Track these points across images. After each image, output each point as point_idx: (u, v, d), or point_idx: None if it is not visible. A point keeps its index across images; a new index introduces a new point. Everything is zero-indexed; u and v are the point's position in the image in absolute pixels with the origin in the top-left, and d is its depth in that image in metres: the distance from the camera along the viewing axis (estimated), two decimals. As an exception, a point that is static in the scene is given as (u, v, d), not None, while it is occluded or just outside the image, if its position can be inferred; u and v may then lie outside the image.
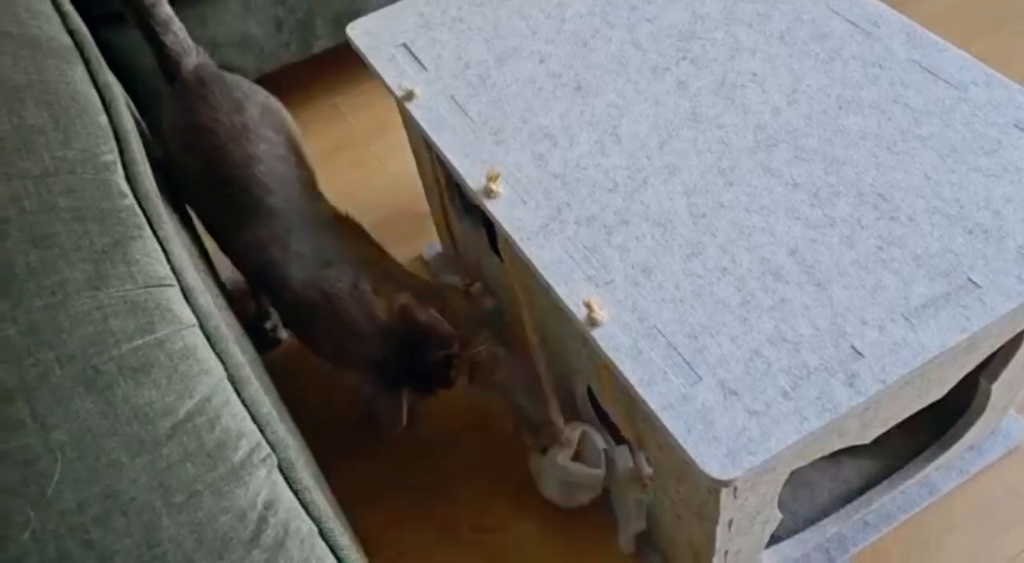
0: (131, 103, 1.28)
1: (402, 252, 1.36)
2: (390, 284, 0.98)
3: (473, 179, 0.88)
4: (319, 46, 1.45)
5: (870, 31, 0.95)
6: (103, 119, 0.88)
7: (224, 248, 1.08)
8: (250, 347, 0.98)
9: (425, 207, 1.32)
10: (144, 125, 1.28)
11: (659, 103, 0.92)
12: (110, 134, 0.87)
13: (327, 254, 0.99)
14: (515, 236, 0.83)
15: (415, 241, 1.40)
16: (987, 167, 0.81)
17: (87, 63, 0.97)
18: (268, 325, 1.29)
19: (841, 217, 0.79)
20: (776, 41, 0.96)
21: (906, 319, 0.71)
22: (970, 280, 0.73)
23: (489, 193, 0.86)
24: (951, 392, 0.87)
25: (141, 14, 1.13)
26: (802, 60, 0.93)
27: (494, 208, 0.86)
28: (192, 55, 1.15)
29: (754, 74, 0.93)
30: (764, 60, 0.94)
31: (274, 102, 1.14)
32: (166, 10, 1.14)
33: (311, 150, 1.26)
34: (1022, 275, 0.73)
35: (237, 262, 1.07)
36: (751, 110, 0.89)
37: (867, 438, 0.83)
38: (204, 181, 1.05)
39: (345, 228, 1.05)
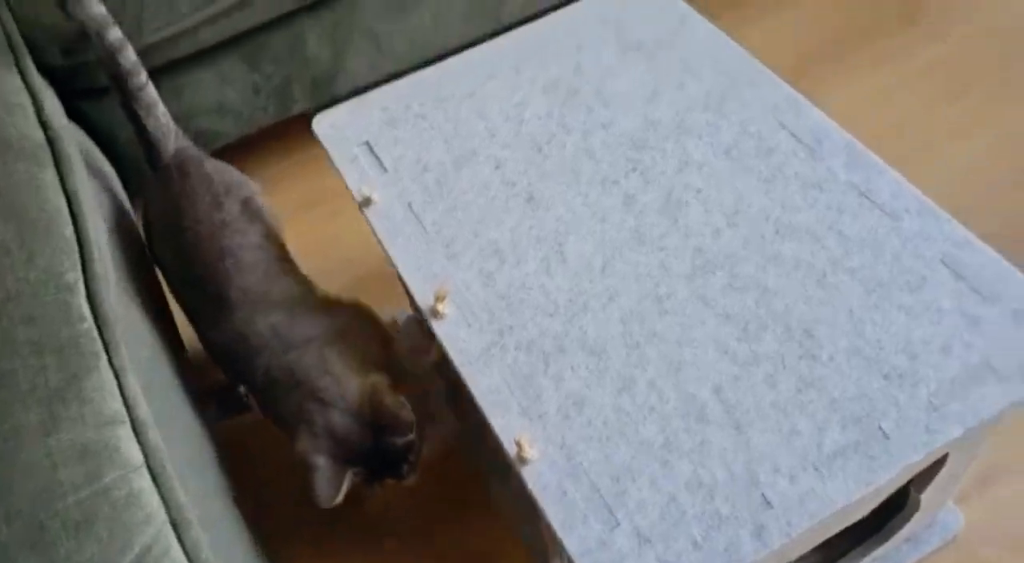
0: (112, 176, 1.32)
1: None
2: (361, 362, 1.01)
3: (422, 296, 0.92)
4: (297, 108, 1.48)
5: (813, 148, 0.97)
6: (69, 231, 0.92)
7: (199, 336, 1.12)
8: (201, 437, 1.02)
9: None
10: (123, 195, 1.32)
11: (605, 220, 0.95)
12: (74, 248, 0.91)
13: (292, 337, 1.03)
14: (457, 360, 0.87)
15: (389, 301, 1.44)
16: (910, 305, 0.84)
17: (58, 163, 1.00)
18: (242, 389, 1.33)
19: (766, 354, 0.83)
20: (722, 155, 0.99)
21: (816, 469, 0.75)
22: (880, 429, 0.77)
23: (436, 314, 0.90)
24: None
25: (127, 97, 1.16)
26: (745, 177, 0.96)
27: (440, 329, 0.89)
28: (172, 138, 1.19)
29: (698, 191, 0.96)
30: (709, 175, 0.97)
31: (251, 190, 1.17)
32: (152, 94, 1.18)
33: (292, 202, 1.28)
34: (930, 425, 0.76)
35: (209, 351, 1.11)
36: (692, 232, 0.93)
37: (790, 558, 0.87)
38: (181, 277, 1.10)
39: (316, 306, 1.08)
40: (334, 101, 1.52)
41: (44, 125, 1.06)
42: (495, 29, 1.56)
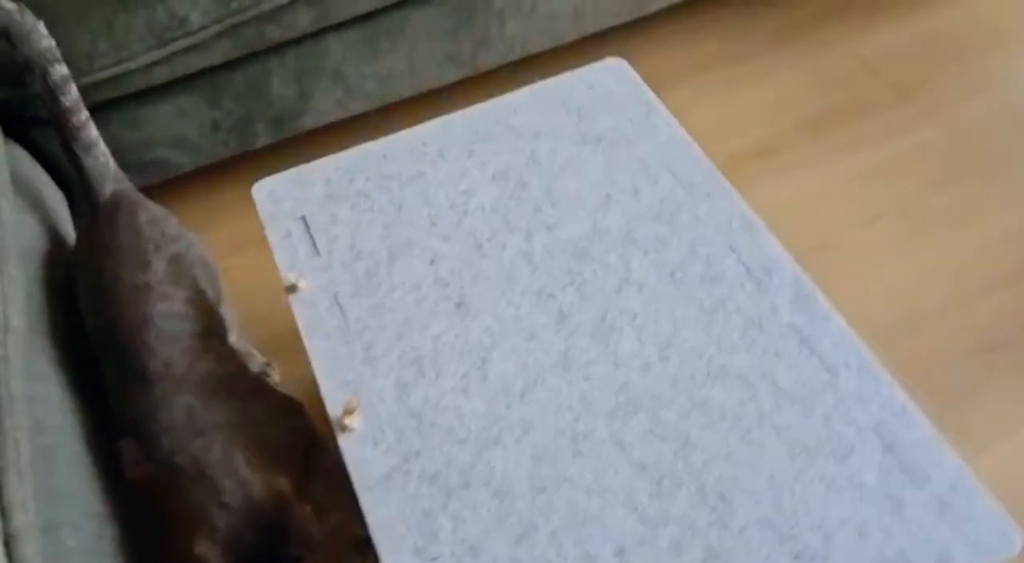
0: (58, 204, 1.28)
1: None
2: (270, 461, 0.97)
3: (333, 404, 0.88)
4: (260, 143, 1.43)
5: (760, 280, 0.93)
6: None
7: (110, 398, 1.08)
8: (108, 509, 0.98)
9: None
10: (67, 226, 1.28)
11: (534, 338, 0.91)
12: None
13: (202, 423, 0.99)
14: (357, 484, 0.83)
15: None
16: (833, 477, 0.80)
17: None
18: None
19: (676, 516, 0.79)
20: (666, 277, 0.94)
21: (707, 659, 0.71)
22: (780, 621, 0.73)
23: (343, 427, 0.86)
24: None
25: (65, 135, 1.12)
26: (686, 306, 0.91)
27: (345, 444, 0.85)
28: (110, 180, 1.15)
29: (635, 316, 0.91)
30: (649, 299, 0.92)
31: (186, 245, 1.12)
32: (91, 134, 1.14)
33: (246, 232, 1.21)
34: (834, 621, 0.73)
35: (123, 422, 1.07)
36: (621, 363, 0.88)
37: None
38: (99, 335, 1.06)
39: (232, 389, 1.04)
40: (299, 137, 1.48)
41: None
42: (470, 75, 1.51)
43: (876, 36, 1.74)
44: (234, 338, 1.24)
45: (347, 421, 0.86)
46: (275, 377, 1.34)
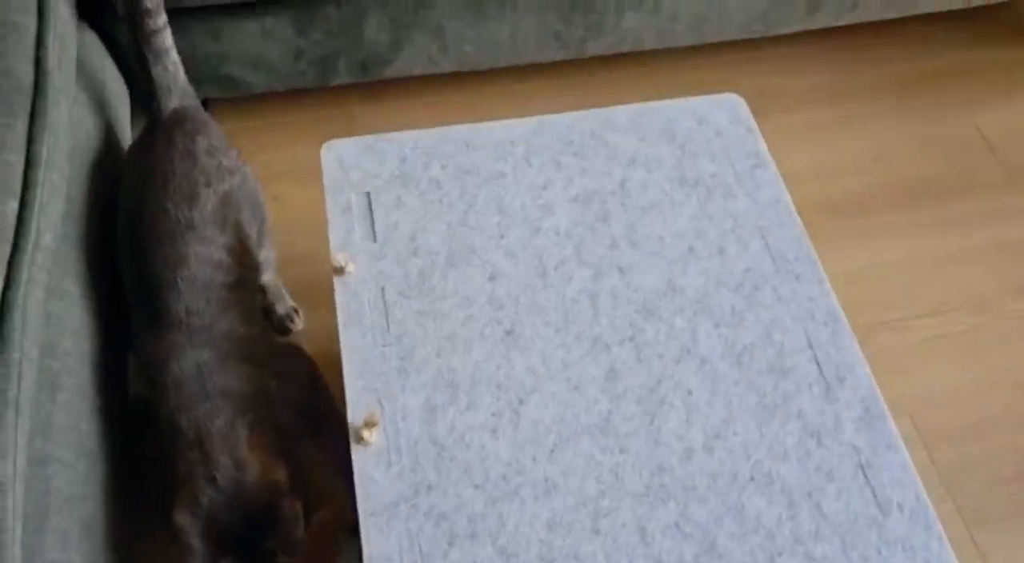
0: (120, 98, 1.22)
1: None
2: (271, 444, 0.92)
3: (355, 410, 0.83)
4: (339, 81, 1.36)
5: (831, 386, 0.86)
6: (12, 207, 0.84)
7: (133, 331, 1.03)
8: (102, 441, 0.94)
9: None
10: (125, 124, 1.22)
11: (578, 390, 0.85)
12: (8, 239, 0.83)
13: (211, 385, 0.94)
14: (362, 507, 0.78)
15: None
16: (857, 628, 0.74)
17: (34, 116, 0.92)
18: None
19: (683, 628, 0.74)
20: (732, 357, 0.87)
21: None
22: None
23: (360, 439, 0.81)
24: None
25: (138, 37, 1.06)
26: (746, 394, 0.85)
27: (358, 457, 0.81)
28: (177, 94, 1.09)
29: (689, 393, 0.85)
30: (708, 378, 0.86)
31: (240, 180, 1.06)
32: (166, 41, 1.07)
33: (303, 160, 1.14)
34: None
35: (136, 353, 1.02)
36: (663, 442, 0.82)
37: None
38: (127, 266, 1.01)
39: (248, 353, 0.99)
40: (380, 83, 1.41)
41: (37, 61, 0.96)
42: (575, 58, 1.42)
43: (1002, 111, 1.63)
44: (268, 277, 1.19)
45: (365, 434, 0.81)
46: (298, 324, 1.29)
